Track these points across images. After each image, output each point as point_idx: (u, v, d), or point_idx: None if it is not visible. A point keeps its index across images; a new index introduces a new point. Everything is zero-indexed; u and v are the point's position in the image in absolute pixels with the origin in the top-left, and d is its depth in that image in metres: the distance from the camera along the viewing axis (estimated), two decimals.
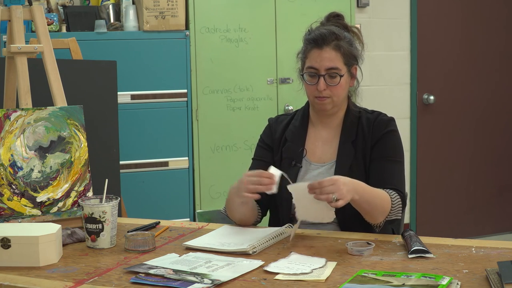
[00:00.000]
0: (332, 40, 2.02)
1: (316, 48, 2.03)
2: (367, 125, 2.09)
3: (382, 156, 2.05)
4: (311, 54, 2.04)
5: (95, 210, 1.81)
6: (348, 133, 2.09)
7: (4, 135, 1.95)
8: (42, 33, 2.19)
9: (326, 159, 2.10)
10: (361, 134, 2.08)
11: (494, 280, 1.42)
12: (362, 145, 2.07)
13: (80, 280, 1.54)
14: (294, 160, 2.10)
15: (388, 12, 4.57)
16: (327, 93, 2.03)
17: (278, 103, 3.91)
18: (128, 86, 3.55)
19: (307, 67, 2.05)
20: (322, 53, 2.02)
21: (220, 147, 3.82)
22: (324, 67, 2.01)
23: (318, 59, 2.02)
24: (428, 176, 4.77)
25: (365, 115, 2.13)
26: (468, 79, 4.84)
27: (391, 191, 1.98)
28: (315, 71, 2.03)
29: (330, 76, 2.02)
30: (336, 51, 2.02)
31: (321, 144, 2.13)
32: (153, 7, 3.59)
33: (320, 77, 2.02)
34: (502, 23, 4.89)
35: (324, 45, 2.02)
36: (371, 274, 1.51)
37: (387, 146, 2.07)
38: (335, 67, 2.02)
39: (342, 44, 2.03)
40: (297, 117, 2.19)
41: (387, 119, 2.12)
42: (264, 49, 3.87)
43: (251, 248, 1.73)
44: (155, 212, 3.46)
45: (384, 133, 2.08)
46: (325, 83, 2.02)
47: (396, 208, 1.96)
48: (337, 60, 2.02)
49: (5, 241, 1.67)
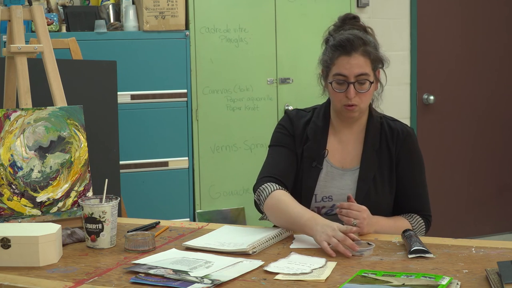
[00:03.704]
0: (360, 45, 1.98)
1: (345, 55, 1.98)
2: (391, 134, 2.09)
3: (410, 179, 2.09)
4: (339, 61, 1.99)
5: (95, 210, 1.81)
6: (372, 140, 2.08)
7: (4, 135, 1.95)
8: (42, 33, 2.19)
9: (347, 164, 2.09)
10: (384, 143, 2.08)
11: (494, 280, 1.42)
12: (386, 155, 2.07)
13: (80, 280, 1.54)
14: (315, 160, 2.07)
15: (388, 12, 4.57)
16: (356, 101, 2.00)
17: (278, 103, 3.91)
18: (128, 86, 3.55)
19: (335, 74, 2.00)
20: (351, 60, 1.97)
21: (220, 147, 3.82)
22: (353, 74, 1.97)
23: (347, 66, 1.97)
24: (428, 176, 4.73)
25: (387, 122, 2.12)
26: (468, 79, 4.84)
27: (417, 218, 2.07)
28: (344, 78, 1.98)
29: (359, 83, 1.98)
30: (364, 57, 1.99)
31: (342, 148, 2.10)
32: (153, 7, 3.59)
33: (349, 85, 1.98)
34: (502, 23, 4.89)
35: (353, 51, 1.97)
36: (371, 274, 1.51)
37: (415, 168, 2.11)
38: (365, 72, 1.98)
39: (370, 49, 2.00)
40: (317, 116, 2.14)
41: (412, 132, 2.12)
42: (264, 49, 3.87)
43: (251, 248, 1.73)
44: (155, 212, 3.46)
45: (410, 150, 2.10)
46: (355, 90, 1.98)
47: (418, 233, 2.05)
48: (366, 66, 1.99)
49: (5, 241, 1.67)
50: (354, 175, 2.06)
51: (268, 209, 1.96)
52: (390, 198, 2.07)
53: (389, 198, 2.07)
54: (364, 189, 2.02)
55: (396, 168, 2.08)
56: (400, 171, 2.08)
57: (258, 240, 1.78)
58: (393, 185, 2.07)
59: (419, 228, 2.06)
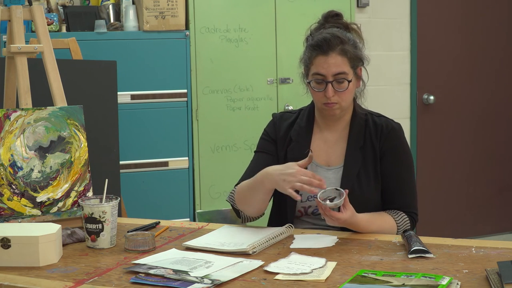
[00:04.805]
0: (337, 44, 1.98)
1: (321, 55, 1.99)
2: (375, 130, 2.08)
3: (394, 174, 2.06)
4: (316, 61, 2.00)
5: (95, 210, 1.81)
6: (356, 138, 2.07)
7: (4, 135, 1.95)
8: (42, 33, 2.19)
9: (332, 163, 2.09)
10: (369, 140, 2.07)
11: (494, 280, 1.42)
12: (371, 152, 2.06)
13: (80, 280, 1.54)
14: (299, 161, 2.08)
15: (388, 12, 4.57)
16: (336, 99, 2.00)
17: (278, 103, 3.91)
18: (128, 86, 3.55)
19: (313, 73, 2.01)
20: (328, 59, 1.98)
21: (220, 147, 3.82)
22: (331, 73, 1.98)
23: (324, 65, 1.98)
24: (428, 176, 4.77)
25: (372, 118, 2.11)
26: (468, 79, 4.84)
27: (402, 215, 2.03)
28: (322, 77, 1.99)
29: (337, 81, 1.99)
30: (342, 56, 1.99)
31: (326, 147, 2.11)
32: (153, 7, 3.59)
33: (327, 84, 1.99)
34: (502, 23, 4.89)
35: (330, 50, 1.98)
36: (371, 274, 1.51)
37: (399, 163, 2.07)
38: (342, 71, 1.98)
39: (347, 48, 2.00)
40: (302, 117, 2.16)
41: (397, 127, 2.10)
42: (264, 49, 3.87)
43: (251, 248, 1.73)
44: (155, 212, 3.46)
45: (395, 145, 2.07)
46: (333, 89, 1.99)
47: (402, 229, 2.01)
48: (344, 65, 1.99)
49: (5, 241, 1.67)
50: (339, 173, 2.05)
51: (239, 201, 2.03)
52: (376, 194, 2.05)
53: (375, 194, 2.05)
54: (348, 186, 1.98)
55: (380, 164, 2.06)
56: (384, 166, 2.06)
57: (258, 240, 1.78)
58: (379, 181, 2.05)
59: (404, 225, 2.02)
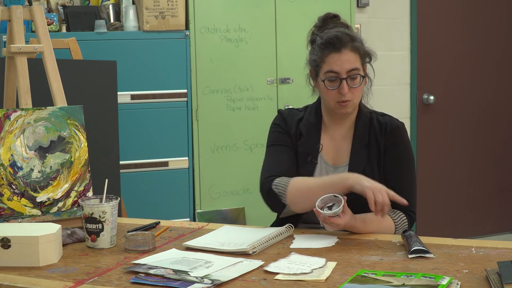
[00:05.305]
0: (348, 41, 2.00)
1: (334, 52, 2.00)
2: (379, 128, 2.09)
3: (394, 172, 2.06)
4: (329, 58, 2.01)
5: (95, 210, 1.81)
6: (361, 136, 2.08)
7: (4, 135, 1.95)
8: (42, 33, 2.19)
9: (338, 161, 2.10)
10: (373, 138, 2.08)
11: (494, 280, 1.42)
12: (375, 149, 2.07)
13: (80, 280, 1.54)
14: (310, 155, 2.08)
15: (388, 12, 4.57)
16: (349, 96, 2.01)
17: (278, 103, 3.91)
18: (128, 86, 3.55)
19: (327, 71, 2.02)
20: (341, 56, 1.99)
21: (220, 147, 3.82)
22: (345, 70, 1.99)
23: (338, 62, 1.99)
24: (428, 176, 4.77)
25: (376, 117, 2.12)
26: (468, 79, 4.84)
27: (399, 214, 2.01)
28: (336, 74, 2.00)
29: (351, 78, 2.00)
30: (354, 52, 2.01)
31: (333, 145, 2.11)
32: (153, 7, 3.59)
33: (342, 81, 1.99)
34: (502, 23, 4.89)
35: (342, 47, 1.99)
36: (371, 274, 1.51)
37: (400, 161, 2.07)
38: (356, 67, 2.00)
39: (358, 45, 2.02)
40: (309, 113, 2.16)
41: (401, 126, 2.11)
42: (264, 49, 3.87)
43: (251, 248, 1.73)
44: (155, 212, 3.46)
45: (397, 143, 2.08)
46: (348, 85, 2.00)
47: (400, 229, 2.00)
48: (356, 61, 2.01)
49: (5, 241, 1.67)
50: (344, 171, 2.06)
51: (293, 194, 1.96)
52: None
53: None
54: None
55: (384, 159, 2.07)
56: (386, 163, 2.07)
57: (258, 240, 1.78)
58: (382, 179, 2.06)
59: (401, 224, 2.01)
